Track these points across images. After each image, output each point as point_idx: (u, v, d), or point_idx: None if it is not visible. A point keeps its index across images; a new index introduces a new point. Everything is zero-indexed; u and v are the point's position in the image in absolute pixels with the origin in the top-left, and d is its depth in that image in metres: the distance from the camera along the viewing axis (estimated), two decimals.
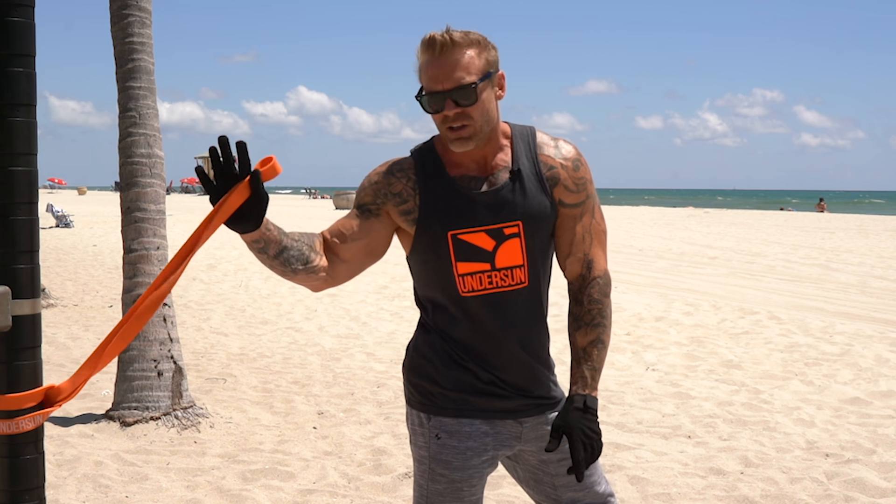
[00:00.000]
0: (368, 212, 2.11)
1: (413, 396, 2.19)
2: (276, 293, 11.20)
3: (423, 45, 2.01)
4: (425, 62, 2.02)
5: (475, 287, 2.09)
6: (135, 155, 5.43)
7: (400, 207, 2.10)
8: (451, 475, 2.10)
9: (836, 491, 4.27)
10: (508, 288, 2.10)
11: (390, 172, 2.12)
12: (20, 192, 1.63)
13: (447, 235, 2.07)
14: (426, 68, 2.02)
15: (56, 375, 6.49)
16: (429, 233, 2.09)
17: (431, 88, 2.01)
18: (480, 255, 2.08)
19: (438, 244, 2.09)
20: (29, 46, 1.63)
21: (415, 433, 2.18)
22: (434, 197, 2.08)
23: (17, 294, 1.62)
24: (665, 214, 38.41)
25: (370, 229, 2.11)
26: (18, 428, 1.65)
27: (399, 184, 2.11)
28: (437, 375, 2.14)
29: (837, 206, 61.23)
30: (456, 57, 1.99)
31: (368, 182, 2.14)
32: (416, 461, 2.19)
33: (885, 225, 28.81)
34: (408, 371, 2.21)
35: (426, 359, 2.16)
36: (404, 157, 2.16)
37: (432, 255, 2.11)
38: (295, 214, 34.97)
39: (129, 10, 5.44)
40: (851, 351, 7.61)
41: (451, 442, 2.11)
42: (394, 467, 4.58)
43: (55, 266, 14.10)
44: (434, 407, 2.14)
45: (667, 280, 12.93)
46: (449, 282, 2.10)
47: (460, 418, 2.12)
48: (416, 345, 2.20)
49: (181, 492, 4.23)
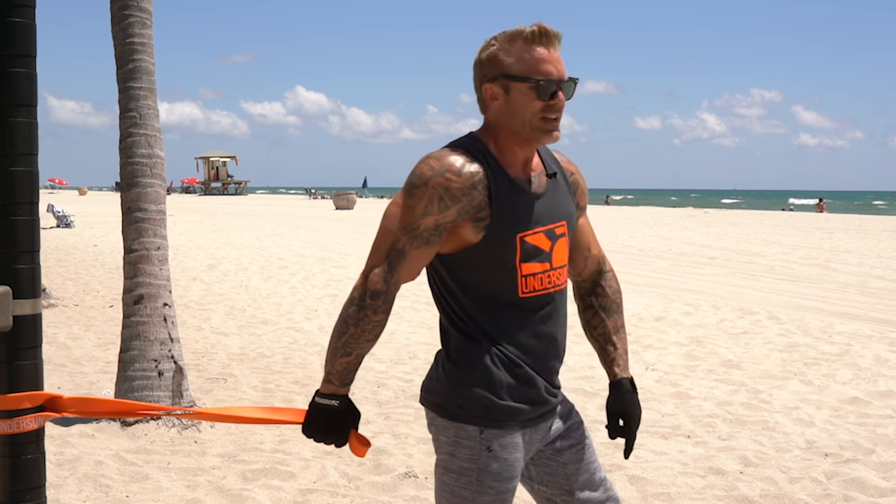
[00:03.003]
0: (444, 230, 2.03)
1: (463, 409, 2.09)
2: (276, 293, 11.21)
3: (533, 34, 2.04)
4: (534, 50, 2.04)
5: (536, 287, 2.12)
6: (135, 155, 5.44)
7: (476, 216, 2.04)
8: (499, 487, 2.10)
9: (836, 490, 4.27)
10: (559, 287, 2.18)
11: (472, 186, 2.01)
12: (21, 193, 1.63)
13: (515, 238, 2.08)
14: (539, 56, 2.03)
15: (56, 375, 6.50)
16: (498, 237, 2.05)
17: (548, 76, 2.03)
18: (541, 256, 2.12)
19: (505, 247, 2.07)
20: (30, 47, 1.64)
21: (457, 445, 2.10)
22: (504, 201, 2.07)
23: (17, 294, 1.63)
24: (664, 214, 38.41)
25: (434, 251, 2.07)
26: (19, 427, 1.65)
27: (479, 196, 2.03)
28: (494, 387, 2.08)
29: (838, 206, 61.18)
30: (559, 52, 2.07)
31: (450, 200, 2.00)
32: (455, 473, 2.11)
33: (884, 225, 28.80)
34: (457, 382, 2.10)
35: (481, 369, 2.09)
36: (467, 162, 2.04)
37: (496, 258, 2.07)
38: (295, 214, 34.97)
39: (130, 10, 5.45)
40: (850, 351, 7.61)
41: (502, 454, 2.09)
42: (394, 467, 4.58)
43: (56, 266, 14.10)
44: (488, 420, 2.09)
45: (666, 280, 12.93)
46: (510, 283, 2.09)
47: (512, 431, 2.11)
48: (464, 355, 2.10)
49: (181, 491, 4.24)
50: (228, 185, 67.53)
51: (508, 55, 2.05)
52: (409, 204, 2.01)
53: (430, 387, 2.16)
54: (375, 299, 2.00)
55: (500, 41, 2.07)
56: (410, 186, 2.02)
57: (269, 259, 15.32)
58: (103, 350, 7.58)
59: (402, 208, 2.02)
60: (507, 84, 2.05)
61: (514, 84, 2.04)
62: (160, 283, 5.42)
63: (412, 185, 2.02)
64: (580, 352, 6.92)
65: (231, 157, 68.58)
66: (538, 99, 2.03)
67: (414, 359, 7.31)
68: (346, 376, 2.05)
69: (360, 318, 2.01)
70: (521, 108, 2.05)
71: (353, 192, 45.46)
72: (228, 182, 67.70)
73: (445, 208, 2.00)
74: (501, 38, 2.07)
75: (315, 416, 2.05)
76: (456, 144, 2.10)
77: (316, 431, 2.06)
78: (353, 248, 17.87)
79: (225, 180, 67.67)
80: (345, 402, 2.06)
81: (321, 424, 2.05)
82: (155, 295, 5.39)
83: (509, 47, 2.05)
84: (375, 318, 2.02)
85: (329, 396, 2.05)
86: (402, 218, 2.02)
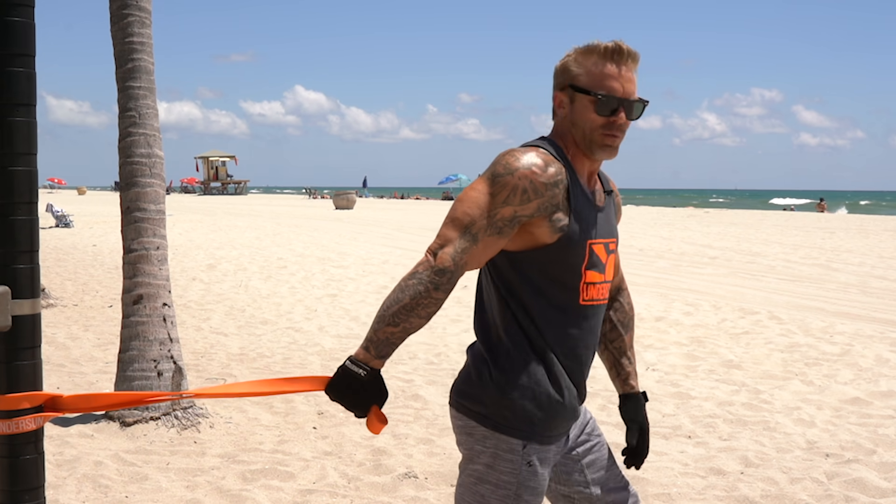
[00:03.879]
0: (518, 224, 2.02)
1: (508, 422, 2.07)
2: (276, 293, 11.21)
3: (608, 50, 2.07)
4: (605, 66, 2.07)
5: (594, 297, 2.15)
6: (134, 155, 5.43)
7: (554, 216, 2.04)
8: (534, 500, 2.11)
9: (837, 491, 4.27)
10: (606, 301, 2.23)
11: (555, 184, 2.03)
12: (20, 192, 1.63)
13: (587, 244, 2.10)
14: (605, 72, 2.06)
15: (56, 375, 6.49)
16: (574, 240, 2.07)
17: (611, 92, 2.06)
18: (599, 267, 2.15)
19: (577, 252, 2.08)
20: (29, 46, 1.63)
21: (497, 457, 2.08)
22: (580, 206, 2.09)
23: (16, 294, 1.62)
24: (665, 214, 38.42)
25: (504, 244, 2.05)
26: (19, 428, 1.64)
27: (559, 194, 2.04)
28: (543, 401, 2.08)
29: (836, 207, 61.21)
30: (633, 72, 2.10)
31: (534, 193, 2.00)
32: (491, 485, 2.09)
33: (885, 225, 28.82)
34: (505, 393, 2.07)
35: (533, 382, 2.07)
36: (553, 161, 2.06)
37: (568, 262, 2.08)
38: (294, 214, 34.98)
39: (129, 9, 5.44)
40: (852, 351, 7.61)
41: (540, 469, 2.11)
42: (394, 467, 4.57)
43: (55, 266, 14.10)
44: (533, 434, 2.08)
45: (667, 280, 12.93)
46: (574, 289, 2.10)
47: (551, 445, 2.13)
48: (515, 365, 2.07)
49: (181, 492, 4.23)
50: (228, 184, 67.58)
51: (579, 67, 2.09)
52: (491, 191, 2.00)
53: (470, 393, 2.12)
54: (441, 276, 1.96)
55: (576, 52, 2.11)
56: (495, 175, 2.01)
57: (269, 259, 15.31)
58: (102, 350, 7.58)
59: (483, 194, 2.01)
60: (572, 94, 2.10)
61: (579, 95, 2.09)
62: (159, 283, 5.41)
63: (497, 174, 2.01)
64: None
65: (230, 157, 68.62)
66: (597, 113, 2.07)
67: (414, 359, 7.30)
68: (385, 348, 1.98)
69: (419, 292, 1.95)
70: (582, 119, 2.09)
71: (353, 192, 45.48)
72: (228, 182, 67.74)
73: (527, 201, 2.00)
74: (578, 49, 2.11)
75: (340, 380, 1.98)
76: (536, 144, 2.11)
77: (337, 395, 1.99)
78: (352, 248, 17.87)
79: (224, 180, 67.72)
80: (373, 374, 1.98)
81: (342, 390, 1.98)
82: (154, 295, 5.38)
83: (582, 59, 2.09)
84: (436, 295, 1.96)
85: (360, 364, 1.97)
86: (483, 203, 2.00)
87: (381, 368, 2.00)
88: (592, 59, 2.08)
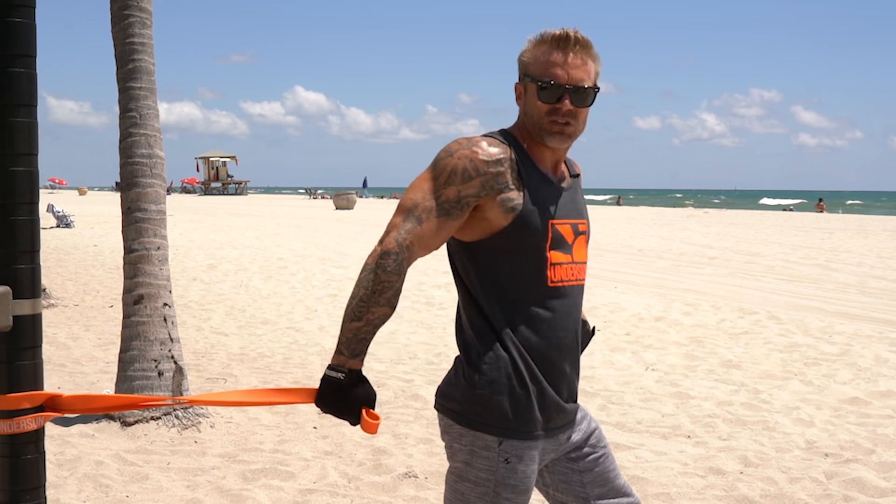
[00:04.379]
0: (466, 206, 2.03)
1: (482, 419, 2.06)
2: (276, 293, 11.21)
3: (554, 38, 2.08)
4: (551, 54, 2.09)
5: (563, 277, 2.13)
6: (135, 155, 5.44)
7: (503, 196, 2.04)
8: (515, 498, 2.09)
9: (836, 491, 4.27)
10: (581, 281, 2.20)
11: (498, 162, 2.04)
12: (21, 193, 1.63)
13: (548, 224, 2.10)
14: (551, 59, 2.08)
15: (56, 375, 6.50)
16: (531, 220, 2.06)
17: (553, 80, 2.07)
18: (565, 247, 2.14)
19: (537, 232, 2.08)
20: (30, 47, 1.64)
21: (474, 455, 2.08)
22: (537, 187, 2.09)
23: (17, 294, 1.62)
24: (665, 214, 38.41)
25: (455, 227, 2.06)
26: (20, 428, 1.65)
27: (507, 174, 2.05)
28: (516, 396, 2.06)
29: (836, 207, 61.16)
30: (582, 59, 2.10)
31: (474, 171, 2.02)
32: (470, 482, 2.09)
33: (884, 225, 28.81)
34: (477, 390, 2.06)
35: (504, 378, 2.05)
36: (495, 144, 2.08)
37: (528, 243, 2.07)
38: (295, 214, 34.97)
39: (130, 10, 5.45)
40: (851, 351, 7.61)
41: (519, 466, 2.08)
42: (394, 467, 4.58)
43: (56, 266, 14.10)
44: (508, 431, 2.06)
45: (666, 280, 12.93)
46: (539, 271, 2.09)
47: (530, 441, 2.09)
48: (485, 362, 2.06)
49: (181, 491, 4.24)
50: (228, 185, 67.56)
51: (531, 56, 2.12)
52: (433, 174, 2.05)
53: (447, 392, 2.13)
54: (385, 258, 1.97)
55: (530, 42, 2.13)
56: (436, 159, 2.07)
57: (269, 259, 15.32)
58: (103, 350, 7.58)
59: (425, 179, 2.05)
60: (526, 84, 2.13)
61: (529, 84, 2.12)
62: (160, 283, 5.42)
63: (438, 158, 2.06)
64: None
65: (231, 157, 68.59)
66: (541, 101, 2.08)
67: (414, 359, 7.31)
68: (356, 346, 1.97)
69: (369, 280, 1.97)
70: (531, 107, 2.11)
71: (354, 192, 45.46)
72: (228, 182, 67.72)
73: (468, 178, 2.02)
74: (532, 39, 2.13)
75: (324, 389, 1.97)
76: (485, 134, 2.14)
77: (325, 405, 1.98)
78: (353, 248, 17.87)
79: (225, 180, 67.69)
80: (353, 375, 1.97)
81: (329, 398, 1.97)
82: (155, 295, 5.39)
83: (534, 49, 2.12)
84: (385, 278, 1.96)
85: (337, 369, 1.97)
86: (425, 187, 2.04)
87: (360, 368, 1.99)
88: (542, 48, 2.10)
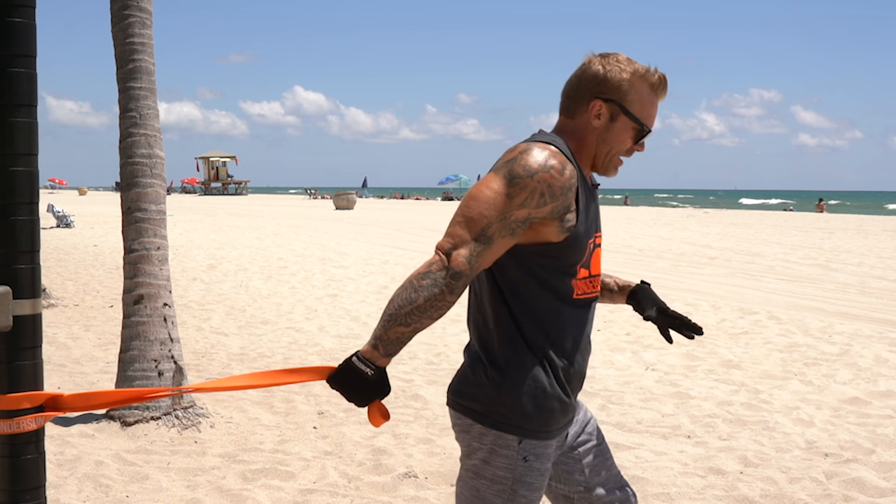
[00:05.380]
0: (530, 224, 2.01)
1: (506, 419, 2.07)
2: (276, 293, 11.21)
3: (661, 82, 2.14)
4: (654, 98, 2.15)
5: (585, 291, 2.16)
6: (135, 155, 5.44)
7: (565, 217, 2.03)
8: (530, 496, 2.12)
9: (836, 491, 4.27)
10: (596, 294, 2.23)
11: (569, 188, 2.01)
12: (21, 193, 1.63)
13: (588, 242, 2.12)
14: (653, 103, 2.15)
15: (56, 375, 6.50)
16: (579, 240, 2.07)
17: (649, 125, 2.15)
18: (586, 262, 2.15)
19: (580, 250, 2.09)
20: (30, 47, 1.64)
21: (493, 453, 2.09)
22: (588, 206, 2.12)
23: (17, 294, 1.62)
24: (664, 214, 38.41)
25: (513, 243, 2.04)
26: (19, 428, 1.65)
27: (571, 197, 2.03)
28: (540, 397, 2.08)
29: (837, 207, 61.14)
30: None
31: (550, 197, 1.98)
32: (487, 480, 2.11)
33: (884, 225, 28.82)
34: (502, 390, 2.07)
35: (529, 379, 2.07)
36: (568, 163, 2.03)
37: (569, 259, 2.08)
38: (295, 215, 34.96)
39: (130, 10, 5.45)
40: (850, 351, 7.61)
41: (536, 464, 2.11)
42: (394, 467, 4.58)
43: (56, 266, 14.09)
44: (530, 430, 2.09)
45: (666, 280, 12.93)
46: (569, 285, 2.11)
47: (548, 440, 2.13)
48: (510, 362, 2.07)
49: (181, 491, 4.24)
50: (228, 185, 67.57)
51: (633, 90, 2.11)
52: (509, 193, 1.97)
53: (466, 392, 2.13)
54: (456, 280, 1.94)
55: (630, 73, 2.11)
56: (513, 176, 1.97)
57: (269, 259, 15.31)
58: (103, 350, 7.58)
59: (500, 195, 1.97)
60: (616, 113, 2.12)
61: (624, 118, 2.12)
62: (160, 283, 5.42)
63: (516, 174, 1.97)
64: None
65: (231, 157, 68.61)
66: (632, 140, 2.13)
67: (414, 359, 7.31)
68: (394, 347, 1.98)
69: (433, 294, 1.93)
70: (616, 140, 2.13)
71: (354, 192, 45.47)
72: (228, 182, 67.73)
73: (543, 204, 1.99)
74: (631, 70, 2.12)
75: (345, 374, 1.99)
76: (548, 142, 2.06)
77: (341, 387, 2.00)
78: (353, 248, 17.87)
79: (225, 180, 67.71)
80: (380, 374, 1.99)
81: (346, 384, 1.99)
82: (155, 295, 5.39)
83: (637, 84, 2.12)
84: (450, 299, 1.95)
85: (367, 363, 1.98)
86: (499, 205, 1.97)
87: (386, 367, 2.01)
88: (646, 87, 2.12)
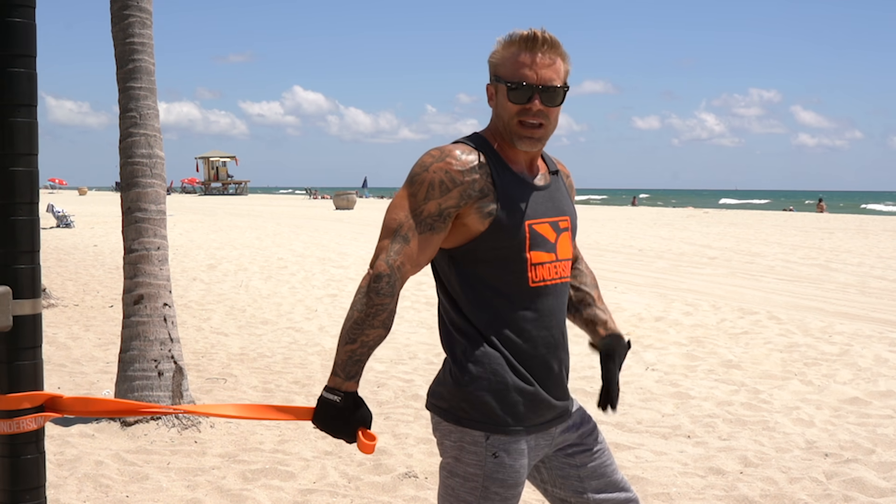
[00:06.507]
0: (448, 217, 2.05)
1: (468, 415, 2.09)
2: (276, 293, 11.21)
3: (522, 38, 2.08)
4: (520, 55, 2.09)
5: (545, 277, 2.14)
6: (135, 155, 5.44)
7: (479, 203, 2.06)
8: (504, 493, 2.10)
9: (836, 491, 4.27)
10: (565, 279, 2.21)
11: (471, 170, 2.06)
12: (21, 193, 1.63)
13: (524, 225, 2.10)
14: (520, 60, 2.09)
15: (56, 375, 6.50)
16: (506, 223, 2.07)
17: (523, 80, 2.07)
18: (547, 246, 2.14)
19: (515, 234, 2.08)
20: (30, 47, 1.64)
21: (462, 450, 2.10)
22: (510, 189, 2.10)
23: (17, 294, 1.63)
24: (664, 214, 38.42)
25: (440, 240, 2.08)
26: (20, 428, 1.65)
27: (481, 180, 2.06)
28: (500, 392, 2.08)
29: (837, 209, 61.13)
30: (551, 58, 2.10)
31: (451, 182, 2.04)
32: (460, 477, 2.11)
33: (884, 225, 28.82)
34: (463, 386, 2.08)
35: (488, 374, 2.08)
36: (468, 151, 2.09)
37: (507, 246, 2.08)
38: (295, 214, 34.97)
39: (130, 10, 5.45)
40: (851, 351, 7.61)
41: (507, 461, 2.09)
42: (394, 467, 4.58)
43: (56, 266, 14.10)
44: (495, 426, 2.08)
45: (666, 280, 12.93)
46: (520, 272, 2.10)
47: (518, 437, 2.11)
48: (470, 358, 2.09)
49: (181, 491, 4.24)
50: (228, 185, 67.57)
51: (500, 57, 2.13)
52: (412, 192, 2.06)
53: (435, 390, 2.16)
54: (378, 281, 2.00)
55: (499, 44, 2.14)
56: (412, 175, 2.07)
57: (269, 259, 15.32)
58: (103, 350, 7.59)
59: (404, 198, 2.06)
60: (496, 85, 2.14)
61: (499, 86, 2.13)
62: (160, 283, 5.42)
63: (414, 173, 2.07)
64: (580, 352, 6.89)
65: (231, 157, 68.61)
66: (511, 101, 2.09)
67: (414, 359, 7.31)
68: (351, 367, 2.00)
69: (363, 303, 2.00)
70: (502, 108, 2.12)
71: (353, 192, 45.46)
72: (228, 182, 67.74)
73: (447, 191, 2.04)
74: (501, 40, 2.13)
75: (319, 410, 2.02)
76: (456, 141, 2.15)
77: (322, 425, 2.02)
78: (353, 248, 17.88)
79: (225, 180, 67.71)
80: (349, 398, 2.00)
81: (325, 419, 2.01)
82: (155, 295, 5.39)
83: (503, 50, 2.13)
84: (378, 301, 2.00)
85: (333, 391, 2.00)
86: (405, 206, 2.05)
87: (355, 390, 2.02)
88: (511, 49, 2.11)
